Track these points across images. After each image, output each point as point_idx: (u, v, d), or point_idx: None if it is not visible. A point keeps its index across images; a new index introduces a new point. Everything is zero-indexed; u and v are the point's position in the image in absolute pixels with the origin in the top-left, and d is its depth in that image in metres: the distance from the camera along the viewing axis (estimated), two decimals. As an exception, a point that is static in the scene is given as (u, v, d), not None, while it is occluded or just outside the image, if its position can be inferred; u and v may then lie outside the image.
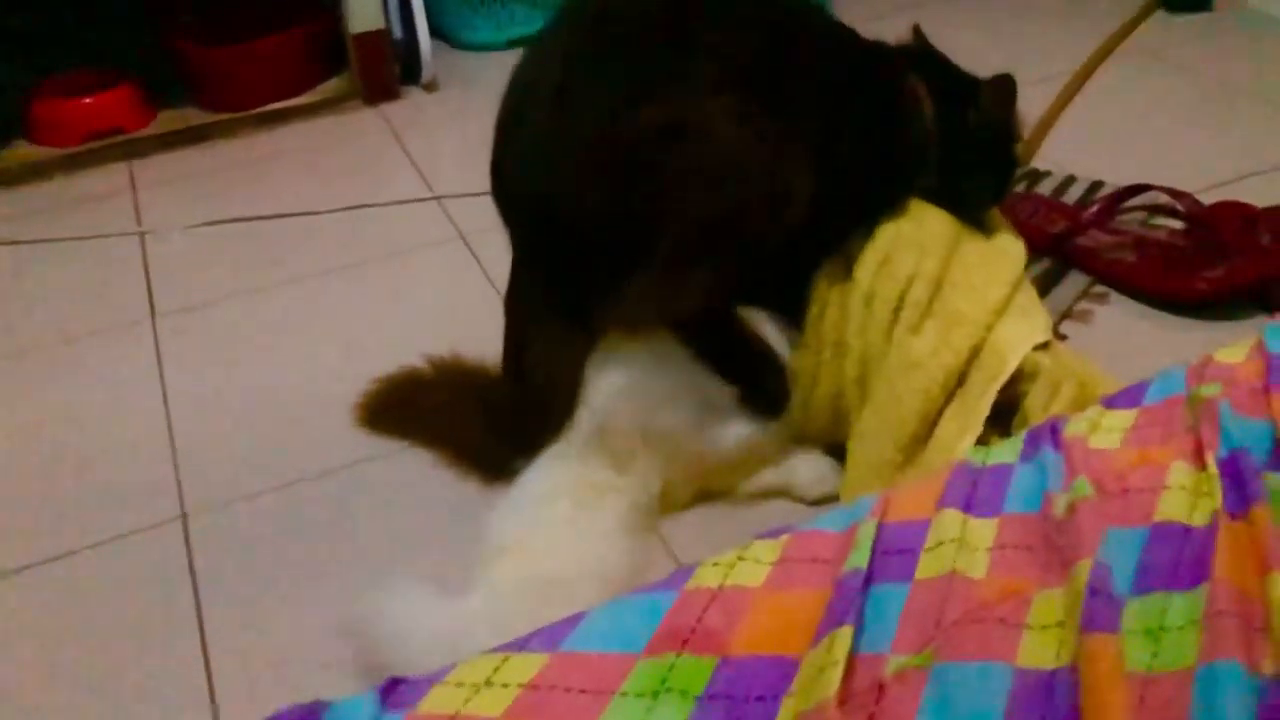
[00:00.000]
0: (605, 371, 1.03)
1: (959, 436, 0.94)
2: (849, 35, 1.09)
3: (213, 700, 0.95)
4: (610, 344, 1.03)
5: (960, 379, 0.98)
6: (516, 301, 1.09)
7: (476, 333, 1.17)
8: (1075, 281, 1.38)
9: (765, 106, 0.95)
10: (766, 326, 1.05)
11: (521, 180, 1.01)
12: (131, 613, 1.04)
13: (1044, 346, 1.03)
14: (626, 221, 0.95)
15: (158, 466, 1.22)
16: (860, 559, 0.68)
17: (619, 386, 1.02)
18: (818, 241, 1.04)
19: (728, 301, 1.04)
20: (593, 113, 0.95)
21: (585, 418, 1.03)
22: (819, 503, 1.08)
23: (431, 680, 0.65)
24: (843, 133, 1.01)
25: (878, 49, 1.09)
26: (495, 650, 0.68)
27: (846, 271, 1.03)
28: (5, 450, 1.28)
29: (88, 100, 1.93)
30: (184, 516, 1.15)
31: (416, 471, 1.17)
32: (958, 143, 1.07)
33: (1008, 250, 1.08)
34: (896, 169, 1.06)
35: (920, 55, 1.11)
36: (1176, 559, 0.67)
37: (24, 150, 1.92)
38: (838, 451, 1.08)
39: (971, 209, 1.09)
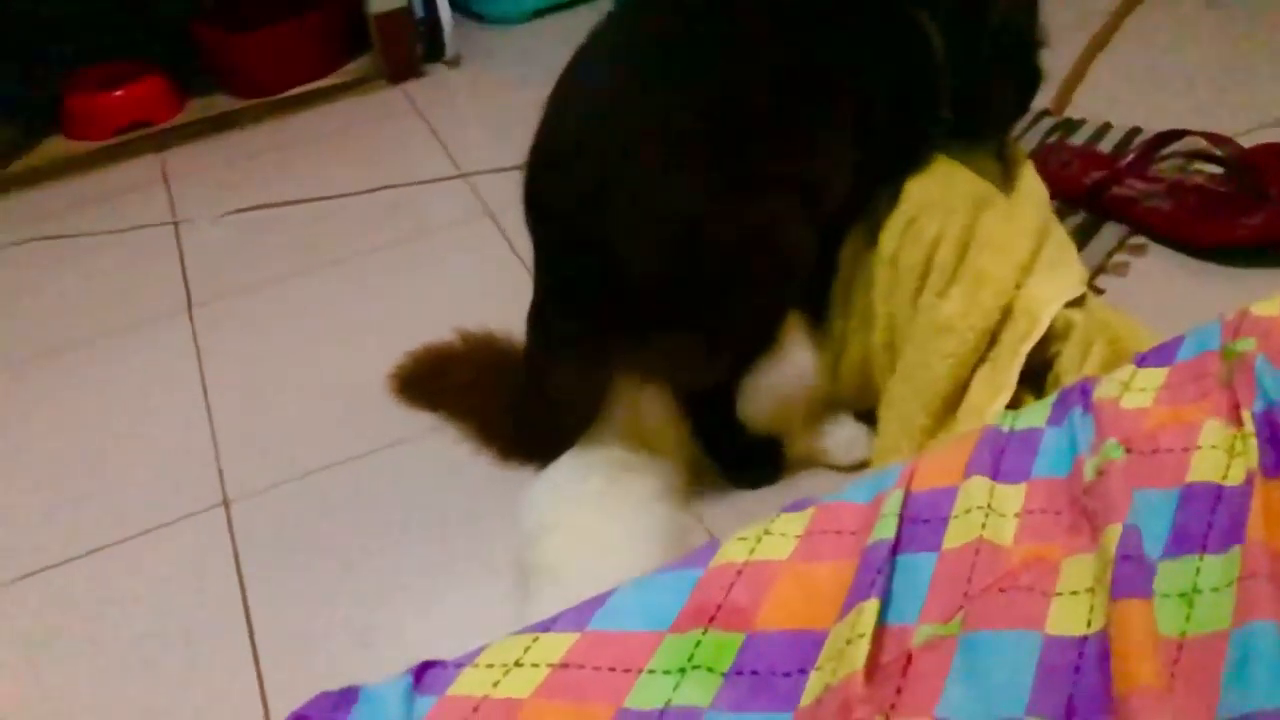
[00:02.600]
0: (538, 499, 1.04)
1: (990, 399, 0.93)
2: None
3: (260, 683, 0.97)
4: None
5: (991, 341, 0.96)
6: (538, 325, 1.06)
7: (506, 308, 1.17)
8: (1112, 233, 1.35)
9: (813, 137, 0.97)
10: (793, 326, 1.04)
11: (572, 217, 0.96)
12: (178, 599, 1.07)
13: (1078, 301, 1.01)
14: (677, 290, 0.94)
15: (199, 454, 1.25)
16: (887, 529, 0.68)
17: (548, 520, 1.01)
18: (844, 219, 1.03)
19: (742, 374, 1.02)
20: (667, 176, 0.92)
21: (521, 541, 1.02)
22: (852, 469, 1.07)
23: (461, 663, 0.66)
24: (870, 103, 0.99)
25: None
26: (524, 630, 0.68)
27: (872, 237, 1.02)
28: (48, 444, 1.31)
29: (118, 93, 1.95)
30: (226, 503, 1.17)
31: (455, 451, 1.18)
32: (973, 59, 1.04)
33: (1031, 196, 1.05)
34: (915, 118, 1.03)
35: None
36: (1209, 521, 0.65)
37: (58, 145, 1.95)
38: (869, 416, 1.07)
39: (994, 128, 1.06)
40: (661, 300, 0.95)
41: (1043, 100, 1.59)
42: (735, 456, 1.07)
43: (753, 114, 0.94)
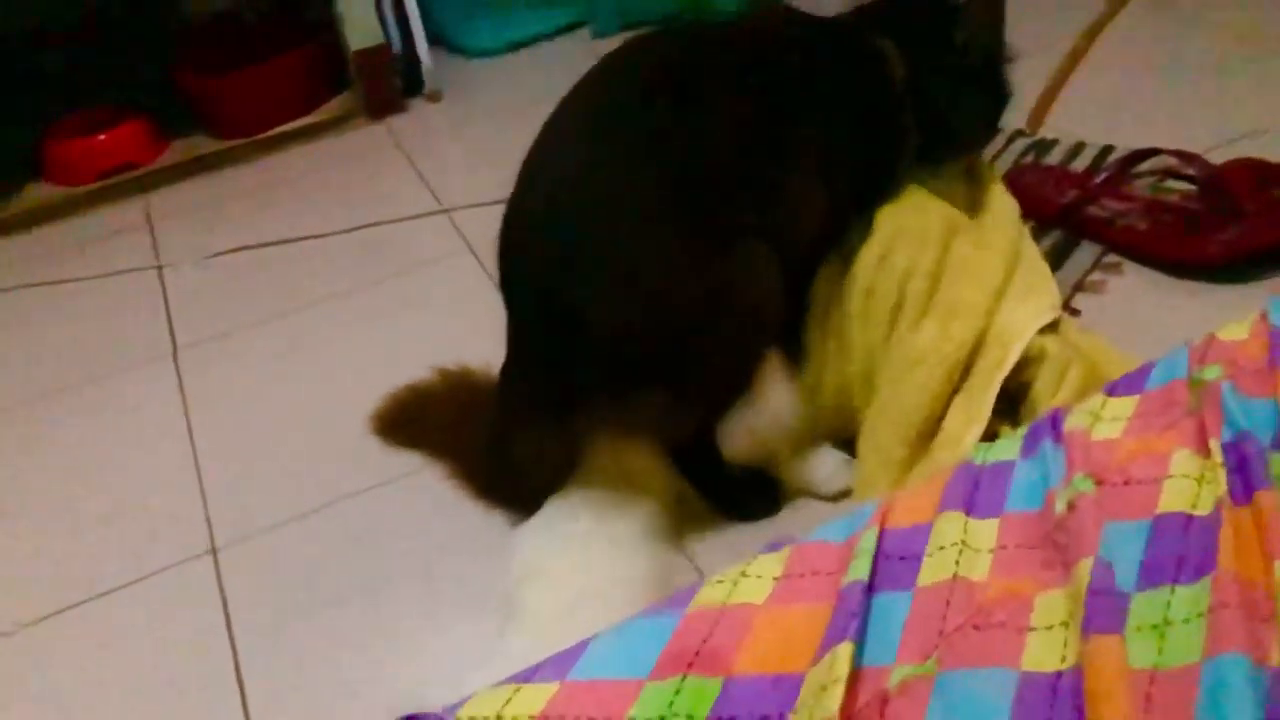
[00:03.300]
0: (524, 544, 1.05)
1: (965, 429, 0.94)
2: (806, 31, 1.07)
3: (249, 732, 0.97)
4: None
5: (965, 370, 0.97)
6: (506, 387, 1.08)
7: (489, 343, 1.18)
8: (1087, 252, 1.36)
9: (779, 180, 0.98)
10: (769, 362, 1.04)
11: (542, 287, 0.98)
12: (167, 648, 1.07)
13: (1052, 326, 1.02)
14: (650, 349, 0.96)
15: (186, 501, 1.25)
16: (861, 569, 0.68)
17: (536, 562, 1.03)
18: (817, 253, 1.04)
19: (718, 424, 1.03)
20: (633, 242, 0.94)
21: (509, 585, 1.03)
22: (836, 498, 1.08)
23: (443, 717, 0.66)
24: (834, 142, 1.00)
25: (834, 26, 1.08)
26: (505, 682, 0.69)
27: (846, 267, 1.03)
28: (32, 493, 1.31)
29: (101, 138, 1.96)
30: (214, 550, 1.17)
31: (441, 489, 1.18)
32: (941, 80, 1.05)
33: (1002, 217, 1.06)
34: (883, 148, 1.05)
35: (885, 3, 1.09)
36: (1181, 551, 0.66)
37: (41, 191, 1.96)
38: (851, 444, 1.07)
39: (964, 148, 1.07)
40: (633, 362, 0.96)
41: (1017, 120, 1.61)
42: (727, 494, 1.08)
43: (716, 171, 0.95)
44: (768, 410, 1.01)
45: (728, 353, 0.98)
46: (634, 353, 0.95)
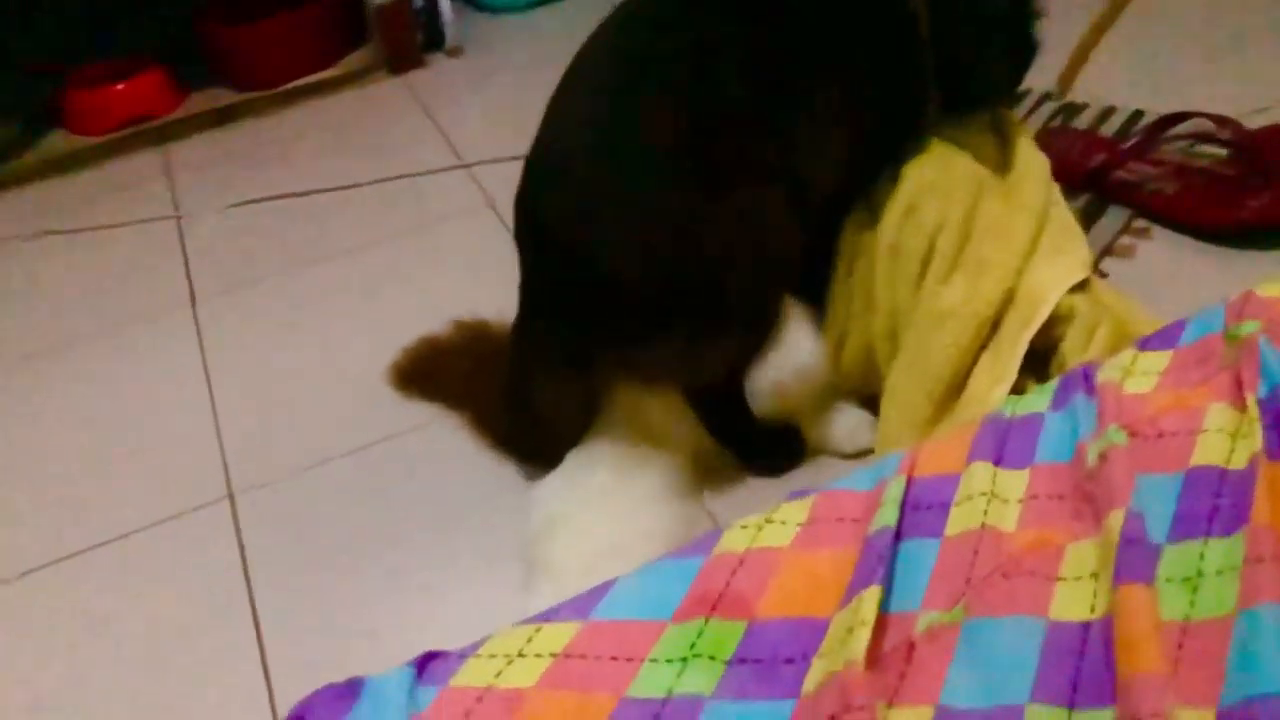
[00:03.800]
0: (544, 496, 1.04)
1: (992, 387, 0.93)
2: None
3: (266, 675, 0.97)
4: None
5: (993, 328, 0.96)
6: (522, 339, 1.07)
7: (508, 298, 1.17)
8: (1115, 217, 1.34)
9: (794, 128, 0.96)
10: (795, 315, 1.03)
11: (561, 236, 0.97)
12: (184, 593, 1.07)
13: (1082, 285, 1.00)
14: (670, 288, 0.95)
15: (204, 448, 1.25)
16: (889, 516, 0.68)
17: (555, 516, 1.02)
18: (841, 205, 1.02)
19: (744, 371, 1.02)
20: (653, 181, 0.93)
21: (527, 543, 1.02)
22: (857, 456, 1.07)
23: (464, 654, 0.66)
24: (856, 88, 0.98)
25: None
26: (527, 621, 0.68)
27: (872, 223, 1.02)
28: (52, 439, 1.31)
29: (119, 87, 1.95)
30: (231, 496, 1.17)
31: (457, 441, 1.18)
32: (966, 29, 1.03)
33: (1031, 172, 1.04)
34: (904, 98, 1.03)
35: None
36: (1214, 504, 0.65)
37: (60, 140, 1.95)
38: (872, 403, 1.06)
39: (988, 100, 1.05)
40: (652, 305, 0.95)
41: (1046, 83, 1.58)
42: (752, 446, 1.07)
43: (733, 113, 0.94)
44: (792, 363, 1.00)
45: (746, 293, 0.97)
46: (653, 296, 0.94)
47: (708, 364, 1.00)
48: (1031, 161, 1.04)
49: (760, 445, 1.06)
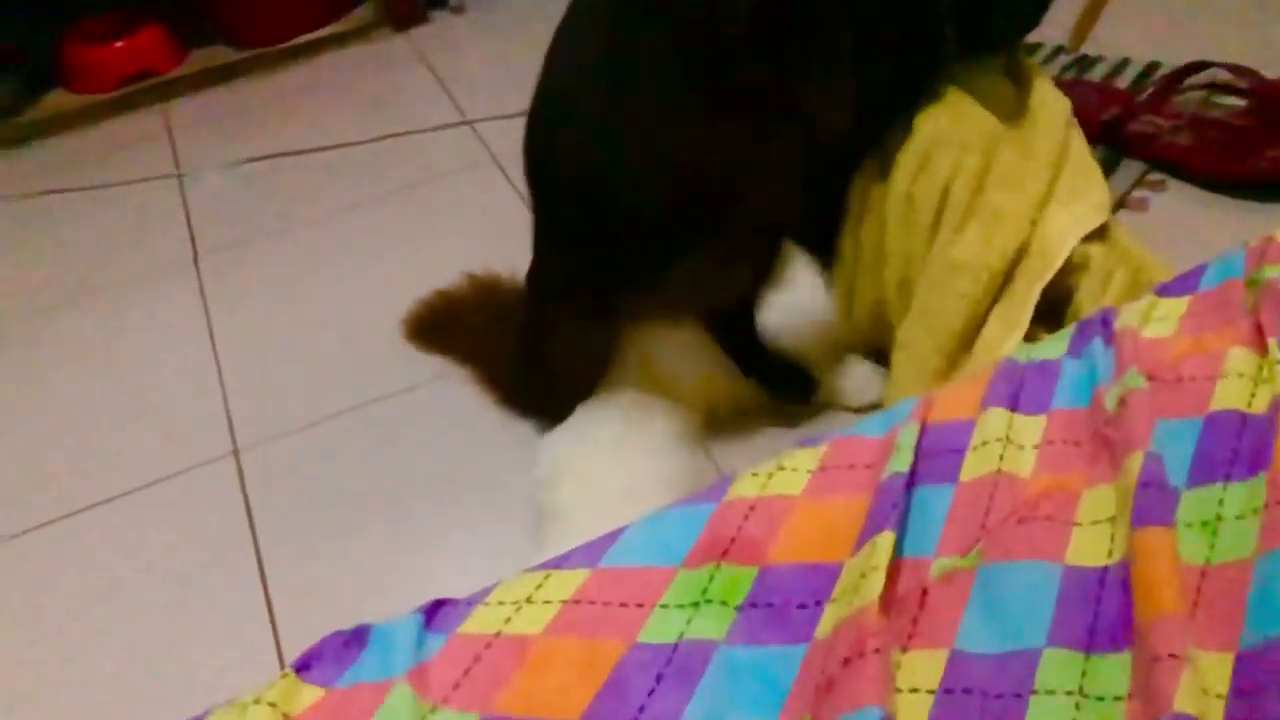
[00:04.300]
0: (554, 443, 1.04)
1: (1004, 335, 0.91)
2: None
3: (273, 625, 0.97)
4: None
5: (1006, 278, 0.94)
6: (539, 284, 1.06)
7: (513, 253, 1.16)
8: (1130, 170, 1.32)
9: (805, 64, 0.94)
10: (800, 264, 1.02)
11: (569, 162, 0.97)
12: (190, 547, 1.07)
13: (1099, 231, 0.98)
14: (683, 216, 0.94)
15: (208, 404, 1.24)
16: (902, 462, 0.67)
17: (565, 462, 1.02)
18: (854, 154, 1.00)
19: (759, 294, 1.03)
20: (662, 111, 0.92)
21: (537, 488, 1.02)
22: (864, 410, 1.06)
23: (473, 601, 0.65)
24: (868, 27, 0.96)
25: None
26: (536, 568, 0.68)
27: (883, 173, 1.00)
28: (54, 395, 1.31)
29: (119, 44, 1.93)
30: (236, 452, 1.17)
31: (463, 396, 1.17)
32: None
33: (1046, 117, 1.02)
34: (919, 34, 1.00)
35: None
36: (1234, 448, 0.64)
37: (61, 98, 1.93)
38: (882, 356, 1.05)
39: (1004, 39, 1.03)
40: (667, 232, 0.94)
41: (1059, 36, 1.56)
42: (767, 372, 1.08)
43: (738, 44, 0.92)
44: (797, 303, 0.99)
45: (755, 216, 0.96)
46: (667, 222, 0.94)
47: (722, 289, 1.00)
48: (1050, 106, 1.02)
49: (774, 373, 1.07)
